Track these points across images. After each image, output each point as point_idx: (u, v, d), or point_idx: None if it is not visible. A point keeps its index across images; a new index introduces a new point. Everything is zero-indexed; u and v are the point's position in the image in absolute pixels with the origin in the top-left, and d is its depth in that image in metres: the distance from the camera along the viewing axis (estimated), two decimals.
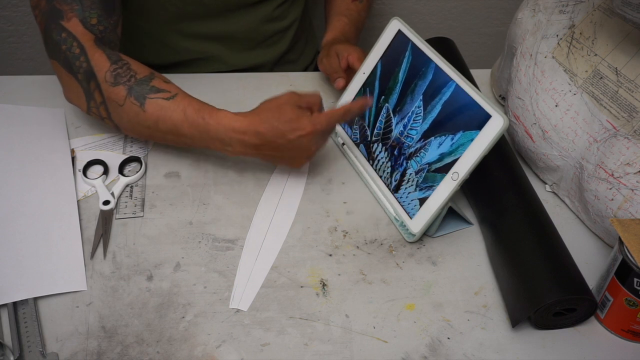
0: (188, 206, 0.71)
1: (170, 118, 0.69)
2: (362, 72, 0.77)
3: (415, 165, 0.67)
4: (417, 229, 0.66)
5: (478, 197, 0.70)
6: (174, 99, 0.70)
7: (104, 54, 0.71)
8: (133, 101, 0.69)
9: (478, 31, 1.32)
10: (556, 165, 0.70)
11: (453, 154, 0.63)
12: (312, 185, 0.74)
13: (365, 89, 0.76)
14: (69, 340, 0.57)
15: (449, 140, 0.64)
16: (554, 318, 0.59)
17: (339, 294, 0.62)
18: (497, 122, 0.60)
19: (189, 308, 0.60)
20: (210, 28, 0.91)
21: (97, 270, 0.63)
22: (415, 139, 0.68)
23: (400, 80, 0.71)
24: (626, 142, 0.62)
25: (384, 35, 0.74)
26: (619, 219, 0.57)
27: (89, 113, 0.74)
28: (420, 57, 0.70)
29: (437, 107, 0.66)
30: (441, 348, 0.58)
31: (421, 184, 0.66)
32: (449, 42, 0.87)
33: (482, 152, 0.61)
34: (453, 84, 0.65)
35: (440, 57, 0.67)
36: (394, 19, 0.73)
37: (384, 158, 0.71)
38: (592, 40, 0.67)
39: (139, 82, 0.70)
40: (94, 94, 0.71)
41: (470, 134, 0.62)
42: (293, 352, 0.57)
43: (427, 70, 0.68)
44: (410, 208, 0.67)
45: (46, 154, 0.74)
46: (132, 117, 0.70)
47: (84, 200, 0.71)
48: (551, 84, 0.69)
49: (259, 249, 0.66)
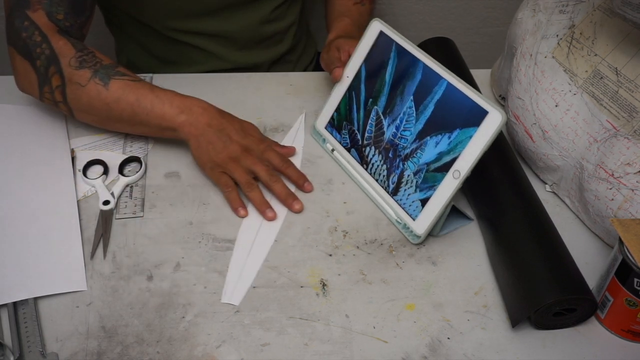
0: (188, 206, 0.71)
1: (133, 93, 0.72)
2: (345, 75, 0.76)
3: (412, 167, 0.67)
4: (422, 230, 0.65)
5: (478, 197, 0.70)
6: (140, 81, 0.74)
7: (68, 42, 0.73)
8: (97, 81, 0.72)
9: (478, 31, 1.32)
10: (556, 165, 0.70)
11: (452, 152, 0.63)
12: (312, 185, 0.74)
13: (350, 92, 0.75)
14: (69, 340, 0.57)
15: (446, 138, 0.64)
16: (554, 318, 0.59)
17: (339, 294, 0.62)
18: (496, 118, 0.60)
19: (189, 308, 0.60)
20: (209, 26, 0.92)
21: (97, 270, 0.63)
22: (410, 139, 0.68)
23: (388, 82, 0.71)
24: (626, 142, 0.62)
25: (365, 38, 0.73)
26: (619, 219, 0.57)
27: (41, 99, 0.76)
28: (406, 57, 0.69)
29: (430, 106, 0.66)
30: (441, 348, 0.58)
31: (421, 185, 0.66)
32: (449, 42, 0.87)
33: (483, 148, 0.60)
34: (444, 82, 0.65)
35: (428, 56, 0.67)
36: (374, 21, 0.73)
37: (379, 161, 0.71)
38: (592, 40, 0.67)
39: (104, 67, 0.73)
40: (50, 79, 0.73)
41: (468, 131, 0.62)
42: (293, 352, 0.57)
43: (416, 70, 0.68)
44: (412, 209, 0.67)
45: (46, 154, 0.74)
46: (92, 96, 0.72)
47: (84, 200, 0.71)
48: (551, 84, 0.69)
49: (251, 245, 0.66)
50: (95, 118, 0.75)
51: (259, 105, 0.85)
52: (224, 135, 0.72)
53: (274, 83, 0.89)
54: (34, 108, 0.81)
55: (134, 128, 0.75)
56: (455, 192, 0.63)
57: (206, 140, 0.71)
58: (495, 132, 0.60)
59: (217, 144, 0.71)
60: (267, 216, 0.69)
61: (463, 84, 0.63)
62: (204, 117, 0.72)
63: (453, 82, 0.64)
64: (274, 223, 0.69)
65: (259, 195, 0.70)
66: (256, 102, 0.86)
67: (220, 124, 0.72)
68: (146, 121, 0.73)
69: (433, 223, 0.65)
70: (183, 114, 0.72)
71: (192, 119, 0.72)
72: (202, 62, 0.96)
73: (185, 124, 0.72)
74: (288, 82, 0.90)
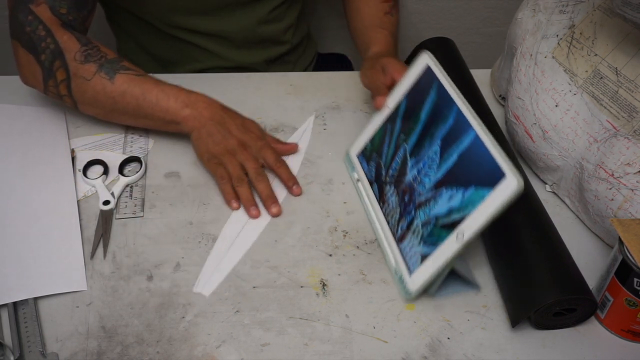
0: (188, 206, 0.71)
1: (139, 87, 0.73)
2: (387, 105, 0.71)
3: (423, 217, 0.62)
4: (414, 287, 0.60)
5: None
6: (144, 76, 0.75)
7: (73, 36, 0.74)
8: (103, 75, 0.73)
9: (478, 31, 1.32)
10: (556, 165, 0.70)
11: (462, 210, 0.57)
12: (312, 185, 0.74)
13: (387, 124, 0.71)
14: (69, 340, 0.57)
15: (460, 194, 0.58)
16: (553, 318, 0.59)
17: (339, 294, 0.62)
18: (511, 184, 0.53)
19: (189, 308, 0.60)
20: (207, 25, 0.92)
21: (97, 270, 0.63)
22: (428, 187, 0.62)
23: (422, 121, 0.65)
24: (626, 142, 0.62)
25: (412, 69, 0.68)
26: (619, 219, 0.57)
27: (45, 92, 0.77)
28: (444, 98, 0.63)
29: (454, 156, 0.60)
30: (441, 348, 0.58)
31: (426, 238, 0.60)
32: (449, 42, 0.88)
33: (491, 216, 0.54)
34: (473, 133, 0.58)
35: (464, 101, 0.61)
36: (423, 53, 0.67)
37: (394, 203, 0.66)
38: (592, 40, 0.67)
39: (109, 61, 0.74)
40: (55, 73, 0.74)
41: (482, 191, 0.56)
42: (293, 352, 0.57)
43: (449, 114, 0.62)
44: (412, 263, 0.61)
45: (46, 154, 0.74)
46: (98, 90, 0.73)
47: (84, 200, 0.71)
48: (551, 84, 0.69)
49: (233, 239, 0.67)
50: (99, 111, 0.76)
51: (259, 105, 0.85)
52: (224, 128, 0.73)
53: (274, 83, 0.89)
54: (34, 108, 0.81)
55: (137, 121, 0.76)
56: (455, 255, 0.57)
57: (207, 132, 0.73)
58: (506, 201, 0.53)
59: (216, 136, 0.73)
60: (250, 213, 0.70)
61: (490, 138, 0.57)
62: (208, 112, 0.74)
63: (480, 135, 0.58)
64: (259, 221, 0.69)
65: (246, 192, 0.71)
66: (256, 102, 0.86)
67: (222, 118, 0.74)
68: (151, 114, 0.74)
69: (427, 283, 0.60)
70: (187, 108, 0.73)
71: (195, 113, 0.73)
72: (200, 61, 0.96)
73: (189, 118, 0.73)
74: (288, 82, 0.90)
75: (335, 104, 0.86)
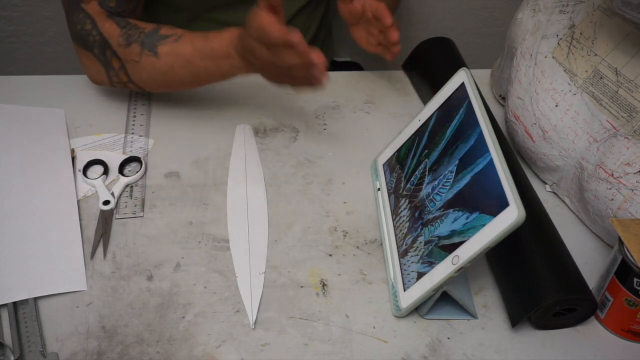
0: (188, 206, 0.71)
1: (182, 55, 0.72)
2: (417, 118, 0.70)
3: (427, 235, 0.61)
4: (405, 304, 0.59)
5: None
6: (182, 38, 0.73)
7: (113, 22, 0.74)
8: (147, 53, 0.73)
9: (478, 31, 1.32)
10: (556, 165, 0.70)
11: (463, 234, 0.56)
12: (312, 185, 0.74)
13: (416, 136, 0.69)
14: (69, 340, 0.57)
15: (464, 218, 0.57)
16: (553, 318, 0.59)
17: (339, 294, 0.62)
18: (511, 214, 0.52)
19: (189, 308, 0.60)
20: (236, 18, 0.92)
21: (97, 270, 0.63)
22: (437, 205, 0.61)
23: (446, 137, 0.64)
24: (626, 142, 0.62)
25: (448, 84, 0.67)
26: (619, 219, 0.57)
27: (112, 85, 0.78)
28: (470, 118, 0.62)
29: (467, 177, 0.59)
30: (441, 348, 0.58)
31: (425, 257, 0.59)
32: (449, 42, 0.88)
33: (488, 244, 0.53)
34: (489, 157, 0.57)
35: (487, 123, 0.59)
36: (461, 70, 0.65)
37: (405, 216, 0.65)
38: (592, 40, 0.67)
39: (147, 35, 0.73)
40: (111, 62, 0.74)
41: (485, 218, 0.55)
42: (293, 352, 0.57)
43: (472, 134, 0.61)
44: (408, 279, 0.60)
45: (46, 153, 0.74)
46: (149, 70, 0.73)
47: (84, 200, 0.71)
48: (551, 84, 0.70)
49: (248, 250, 0.66)
50: (164, 87, 0.77)
51: (259, 105, 0.85)
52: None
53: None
54: (34, 108, 0.81)
55: (201, 83, 0.77)
56: (447, 279, 0.56)
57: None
58: (504, 231, 0.52)
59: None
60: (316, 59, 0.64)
61: (504, 166, 0.55)
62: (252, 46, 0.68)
63: (495, 160, 0.56)
64: (261, 222, 0.69)
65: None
66: (256, 102, 0.86)
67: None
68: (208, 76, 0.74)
69: (417, 302, 0.59)
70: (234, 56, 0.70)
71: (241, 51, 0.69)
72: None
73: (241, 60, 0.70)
74: None
75: (335, 104, 0.86)
